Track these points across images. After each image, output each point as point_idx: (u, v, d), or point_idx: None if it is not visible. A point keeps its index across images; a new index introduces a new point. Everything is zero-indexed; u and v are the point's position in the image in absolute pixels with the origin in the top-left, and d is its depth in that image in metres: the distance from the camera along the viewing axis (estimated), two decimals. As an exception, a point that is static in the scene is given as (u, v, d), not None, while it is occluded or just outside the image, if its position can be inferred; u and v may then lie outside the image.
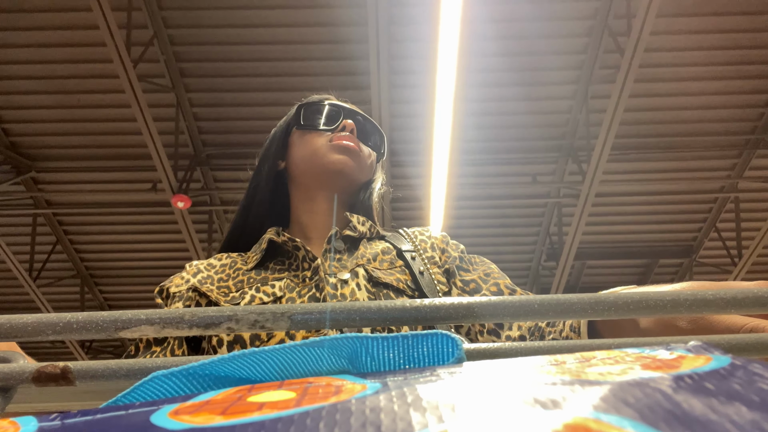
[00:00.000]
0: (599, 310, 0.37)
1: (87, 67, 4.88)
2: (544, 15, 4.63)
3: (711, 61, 4.96)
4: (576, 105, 5.32)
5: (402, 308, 0.38)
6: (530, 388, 0.22)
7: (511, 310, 0.37)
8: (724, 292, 0.37)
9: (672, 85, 5.15)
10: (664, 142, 5.66)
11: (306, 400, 0.23)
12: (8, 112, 5.17)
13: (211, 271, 0.96)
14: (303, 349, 0.31)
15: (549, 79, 5.09)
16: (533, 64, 4.95)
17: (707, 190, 6.13)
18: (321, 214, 1.01)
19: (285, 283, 0.90)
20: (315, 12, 4.59)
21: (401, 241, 0.98)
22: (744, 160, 5.82)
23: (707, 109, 5.37)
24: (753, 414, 0.19)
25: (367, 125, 1.06)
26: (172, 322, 0.37)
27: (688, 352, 0.26)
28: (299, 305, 0.38)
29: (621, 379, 0.22)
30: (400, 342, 0.31)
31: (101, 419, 0.23)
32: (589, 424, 0.18)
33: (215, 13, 4.63)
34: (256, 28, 4.72)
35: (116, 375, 0.37)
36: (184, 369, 0.30)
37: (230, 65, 4.96)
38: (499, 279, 0.95)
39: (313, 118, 1.04)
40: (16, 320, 0.38)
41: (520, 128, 5.47)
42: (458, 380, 0.24)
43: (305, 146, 1.02)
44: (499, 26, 4.65)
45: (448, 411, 0.20)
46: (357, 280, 0.88)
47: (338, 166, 0.98)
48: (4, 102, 5.06)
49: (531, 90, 5.15)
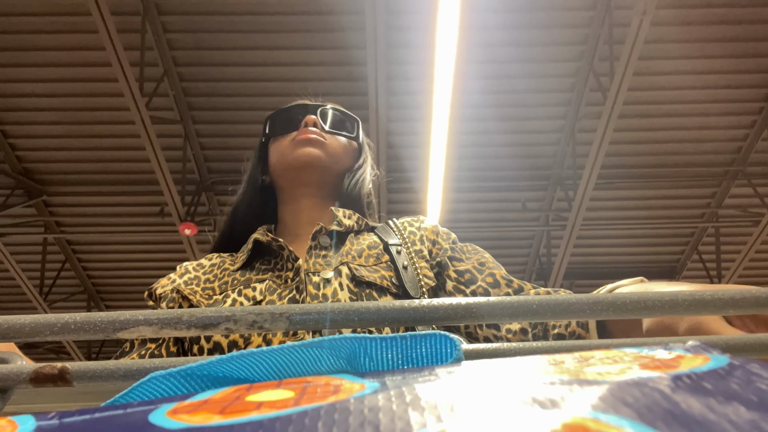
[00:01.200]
0: (597, 311, 0.37)
1: (99, 101, 5.10)
2: (532, 57, 4.92)
3: (691, 99, 5.32)
4: (563, 138, 5.64)
5: (401, 309, 0.38)
6: (529, 388, 0.22)
7: (510, 311, 0.37)
8: (722, 293, 0.37)
9: (655, 120, 5.49)
10: (648, 172, 6.00)
11: (304, 399, 0.23)
12: (22, 140, 5.45)
13: (200, 271, 0.96)
14: (302, 349, 0.31)
15: (538, 114, 5.40)
16: (522, 101, 5.26)
17: (689, 216, 6.45)
18: (305, 211, 1.01)
19: (266, 285, 0.89)
20: (318, 53, 4.79)
21: (389, 234, 0.97)
22: (723, 190, 6.15)
23: (688, 142, 5.75)
24: (751, 414, 0.19)
25: (335, 114, 1.06)
26: (170, 322, 0.37)
27: (687, 352, 0.26)
28: (298, 305, 0.38)
29: (619, 378, 0.22)
30: (398, 342, 0.31)
31: (99, 418, 0.23)
32: (587, 423, 0.18)
33: (221, 53, 4.88)
34: (259, 67, 4.97)
35: (114, 376, 0.37)
36: (182, 370, 0.30)
37: (234, 100, 5.22)
38: (495, 269, 0.93)
39: (279, 124, 1.05)
40: (13, 321, 0.38)
41: (511, 158, 5.79)
42: (456, 380, 0.24)
43: (274, 152, 1.03)
44: (487, 68, 4.93)
45: (447, 411, 0.20)
46: (340, 279, 0.87)
47: (303, 159, 0.98)
48: (17, 131, 5.34)
49: (521, 124, 5.51)
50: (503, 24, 4.61)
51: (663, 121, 5.48)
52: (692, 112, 5.41)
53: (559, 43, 4.86)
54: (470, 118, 5.16)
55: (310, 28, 4.67)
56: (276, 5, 4.53)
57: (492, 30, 4.61)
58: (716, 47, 4.88)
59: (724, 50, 4.92)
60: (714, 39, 4.83)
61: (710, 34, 4.79)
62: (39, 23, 4.54)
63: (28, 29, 4.58)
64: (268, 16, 4.59)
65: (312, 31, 4.67)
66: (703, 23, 4.72)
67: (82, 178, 5.79)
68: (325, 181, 1.01)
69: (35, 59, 4.77)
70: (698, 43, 4.83)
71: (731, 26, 4.76)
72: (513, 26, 4.63)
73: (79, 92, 5.03)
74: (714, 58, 4.95)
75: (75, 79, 4.93)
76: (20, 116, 5.18)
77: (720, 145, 5.74)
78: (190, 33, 4.77)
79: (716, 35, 4.80)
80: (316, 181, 1.00)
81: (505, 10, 4.51)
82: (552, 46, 4.89)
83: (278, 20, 4.62)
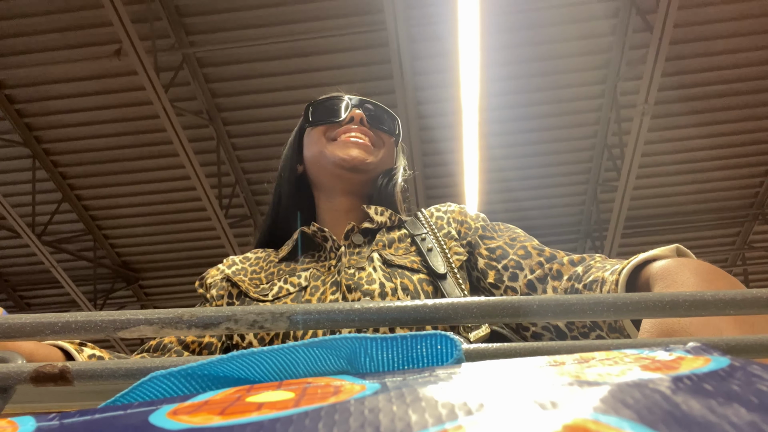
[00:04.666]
0: (598, 311, 0.37)
1: (181, 205, 6.26)
2: (552, 126, 5.46)
3: (697, 157, 5.87)
4: (588, 199, 6.32)
5: (401, 309, 0.38)
6: (529, 389, 0.22)
7: (510, 311, 0.37)
8: (723, 294, 0.37)
9: (671, 178, 6.04)
10: (670, 220, 6.50)
11: (305, 400, 0.23)
12: (120, 240, 6.75)
13: (246, 263, 0.99)
14: (302, 349, 0.31)
15: (562, 182, 6.08)
16: (545, 173, 5.97)
17: (716, 261, 6.82)
18: (342, 211, 1.01)
19: (311, 273, 0.92)
20: (343, 56, 4.94)
21: (417, 227, 0.98)
22: (746, 230, 6.60)
23: (706, 193, 6.27)
24: (752, 415, 0.19)
25: (378, 111, 1.04)
26: (170, 322, 0.37)
27: (687, 353, 0.26)
28: (298, 305, 0.38)
29: (620, 380, 0.22)
30: (398, 343, 0.31)
31: (100, 419, 0.23)
32: (588, 425, 0.18)
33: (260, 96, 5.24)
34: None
35: (115, 375, 0.37)
36: (183, 369, 0.30)
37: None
38: (526, 242, 0.92)
39: (321, 113, 1.03)
40: (14, 320, 0.37)
41: (536, 210, 6.40)
42: (457, 381, 0.24)
43: (314, 145, 1.01)
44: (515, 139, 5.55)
45: (447, 412, 0.20)
46: (373, 264, 0.89)
47: (352, 162, 0.97)
48: (116, 233, 6.64)
49: (547, 191, 6.19)
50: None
51: (677, 179, 6.06)
52: (702, 168, 5.95)
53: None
54: (498, 190, 5.92)
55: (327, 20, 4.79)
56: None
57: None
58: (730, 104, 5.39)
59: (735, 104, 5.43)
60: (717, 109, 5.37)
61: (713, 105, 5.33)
62: (130, 154, 5.68)
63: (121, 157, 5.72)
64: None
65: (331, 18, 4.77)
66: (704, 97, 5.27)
67: (168, 264, 7.03)
68: (366, 182, 1.02)
69: (124, 180, 5.97)
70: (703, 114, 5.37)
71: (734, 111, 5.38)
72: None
73: (162, 201, 6.20)
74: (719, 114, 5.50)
75: (158, 191, 6.09)
76: (118, 222, 6.48)
77: (738, 192, 6.25)
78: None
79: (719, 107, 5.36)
80: (358, 182, 1.00)
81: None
82: (570, 114, 5.42)
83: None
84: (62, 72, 4.93)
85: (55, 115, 5.29)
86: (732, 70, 5.07)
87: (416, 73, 4.90)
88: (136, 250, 6.92)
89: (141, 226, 6.53)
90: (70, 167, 5.79)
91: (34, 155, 5.55)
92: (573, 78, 5.11)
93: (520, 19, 4.65)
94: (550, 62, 4.95)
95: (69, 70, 4.91)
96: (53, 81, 4.99)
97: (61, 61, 4.84)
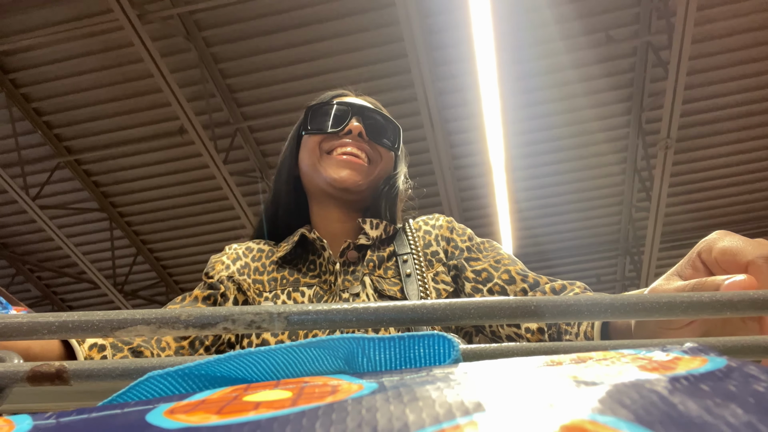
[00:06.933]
0: (595, 312, 0.37)
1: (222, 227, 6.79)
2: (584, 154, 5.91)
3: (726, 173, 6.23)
4: (624, 219, 6.67)
5: (399, 309, 0.38)
6: (526, 390, 0.22)
7: (508, 312, 0.37)
8: (720, 295, 0.37)
9: (703, 193, 6.44)
10: (706, 232, 6.72)
11: (302, 399, 0.23)
12: (188, 285, 7.40)
13: (249, 257, 0.99)
14: (299, 349, 0.31)
15: (596, 195, 6.45)
16: (584, 197, 6.43)
17: None
18: (334, 221, 1.01)
19: (314, 291, 0.92)
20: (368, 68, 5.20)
21: (403, 244, 0.97)
22: None
23: (740, 205, 6.63)
24: (748, 416, 0.19)
25: (378, 121, 1.01)
26: (168, 322, 0.37)
27: (684, 354, 0.26)
28: (295, 306, 0.38)
29: (617, 380, 0.22)
30: (396, 343, 0.31)
31: (97, 418, 0.23)
32: (585, 425, 0.18)
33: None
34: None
35: (111, 375, 0.37)
36: (180, 369, 0.30)
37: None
38: (510, 265, 0.92)
39: (319, 120, 1.00)
40: (10, 320, 0.37)
41: (580, 239, 6.82)
42: (454, 381, 0.24)
43: (308, 156, 1.00)
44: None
45: (444, 412, 0.20)
46: (366, 291, 0.90)
47: (339, 184, 0.95)
48: (186, 279, 7.41)
49: (583, 214, 6.61)
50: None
51: (709, 194, 6.41)
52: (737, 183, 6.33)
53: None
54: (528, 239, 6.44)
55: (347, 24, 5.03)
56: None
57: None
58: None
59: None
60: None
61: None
62: (192, 211, 6.51)
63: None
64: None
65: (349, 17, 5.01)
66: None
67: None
68: (357, 199, 1.00)
69: (189, 233, 6.78)
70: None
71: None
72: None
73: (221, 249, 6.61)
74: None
75: (218, 240, 6.68)
76: (186, 269, 7.27)
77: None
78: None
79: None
80: (348, 201, 1.00)
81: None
82: (598, 157, 5.85)
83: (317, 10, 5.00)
84: (132, 149, 5.82)
85: (127, 183, 6.24)
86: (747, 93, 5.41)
87: (446, 120, 5.38)
88: (189, 278, 7.54)
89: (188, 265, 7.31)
90: (141, 225, 6.73)
91: (110, 218, 6.52)
92: (598, 112, 5.47)
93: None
94: (575, 100, 5.33)
95: (137, 148, 5.80)
96: (122, 155, 5.91)
97: (131, 141, 5.73)
